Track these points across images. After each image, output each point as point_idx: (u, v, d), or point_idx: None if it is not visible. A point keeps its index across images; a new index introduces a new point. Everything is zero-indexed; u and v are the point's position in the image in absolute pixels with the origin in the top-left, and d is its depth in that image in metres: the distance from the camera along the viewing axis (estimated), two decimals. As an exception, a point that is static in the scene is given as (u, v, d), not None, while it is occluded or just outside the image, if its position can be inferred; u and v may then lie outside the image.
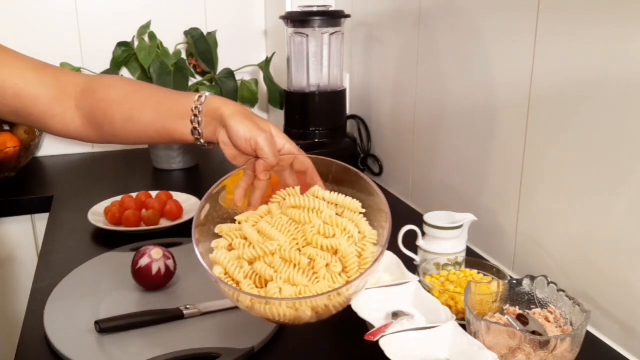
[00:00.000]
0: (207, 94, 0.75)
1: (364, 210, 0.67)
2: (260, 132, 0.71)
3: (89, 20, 1.66)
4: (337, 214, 0.66)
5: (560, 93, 0.80)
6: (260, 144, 0.70)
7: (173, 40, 1.67)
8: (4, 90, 0.76)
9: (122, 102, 0.78)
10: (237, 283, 0.63)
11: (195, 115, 0.73)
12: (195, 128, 0.74)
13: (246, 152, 0.72)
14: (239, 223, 0.70)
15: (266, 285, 0.61)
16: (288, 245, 0.63)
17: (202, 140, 0.74)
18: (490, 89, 0.95)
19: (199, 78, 1.72)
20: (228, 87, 1.62)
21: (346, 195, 0.67)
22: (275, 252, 0.62)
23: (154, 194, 1.22)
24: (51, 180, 1.48)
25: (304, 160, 0.72)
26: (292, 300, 0.58)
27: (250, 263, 0.63)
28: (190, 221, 1.11)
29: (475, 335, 0.67)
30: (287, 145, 0.74)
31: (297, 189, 0.70)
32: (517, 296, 0.75)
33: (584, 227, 0.78)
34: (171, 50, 1.66)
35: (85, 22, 1.66)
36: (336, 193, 0.68)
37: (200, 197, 1.21)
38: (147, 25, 1.64)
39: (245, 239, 0.66)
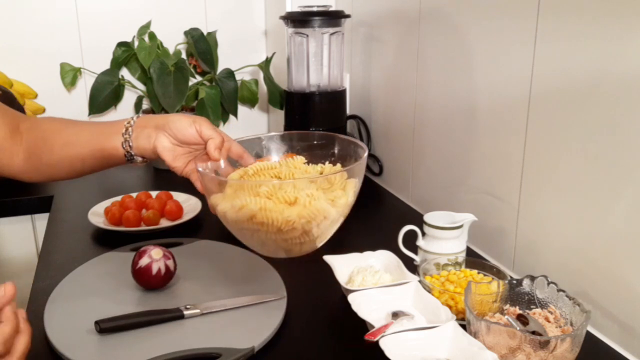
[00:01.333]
0: (138, 115, 0.83)
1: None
2: (197, 119, 0.79)
3: (89, 20, 1.66)
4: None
5: (560, 93, 0.80)
6: (204, 126, 0.79)
7: (173, 40, 1.68)
8: None
9: (61, 129, 0.83)
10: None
11: (127, 129, 0.80)
12: (125, 140, 0.79)
13: (192, 142, 0.79)
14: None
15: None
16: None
17: (132, 152, 0.80)
18: (490, 89, 0.95)
19: (199, 78, 1.72)
20: (228, 87, 1.62)
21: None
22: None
23: (154, 194, 1.22)
24: (51, 180, 1.47)
25: (238, 147, 0.82)
26: (267, 183, 0.72)
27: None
28: (191, 221, 1.12)
29: (475, 335, 0.67)
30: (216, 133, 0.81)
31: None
32: (517, 296, 0.75)
33: (584, 227, 0.78)
34: (171, 50, 1.66)
35: (85, 22, 1.66)
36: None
37: (200, 197, 1.21)
38: (147, 25, 1.64)
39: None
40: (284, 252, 0.77)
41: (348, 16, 1.39)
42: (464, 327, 0.69)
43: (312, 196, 0.70)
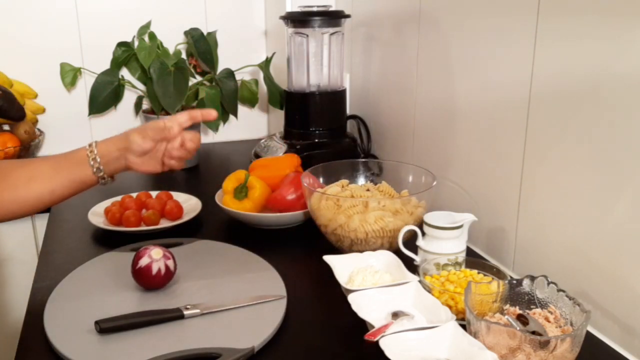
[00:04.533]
0: (93, 143, 0.88)
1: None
2: (140, 129, 0.89)
3: (89, 20, 1.67)
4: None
5: (560, 93, 0.80)
6: (149, 130, 0.88)
7: (173, 40, 1.68)
8: None
9: (17, 167, 0.86)
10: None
11: (93, 159, 0.86)
12: (97, 169, 0.86)
13: (152, 149, 0.89)
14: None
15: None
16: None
17: (105, 177, 0.88)
18: (490, 89, 0.95)
19: (199, 78, 1.72)
20: (228, 87, 1.62)
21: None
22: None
23: (154, 194, 1.22)
24: (51, 180, 1.47)
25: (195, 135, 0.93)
26: (334, 196, 0.99)
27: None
28: (191, 221, 1.12)
29: (475, 335, 0.67)
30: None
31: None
32: (517, 296, 0.75)
33: (584, 227, 0.78)
34: (171, 50, 1.66)
35: (85, 22, 1.66)
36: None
37: (200, 197, 1.21)
38: (147, 25, 1.64)
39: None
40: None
41: (348, 16, 1.39)
42: (464, 327, 0.69)
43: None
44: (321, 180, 1.11)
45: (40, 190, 0.84)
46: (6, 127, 1.55)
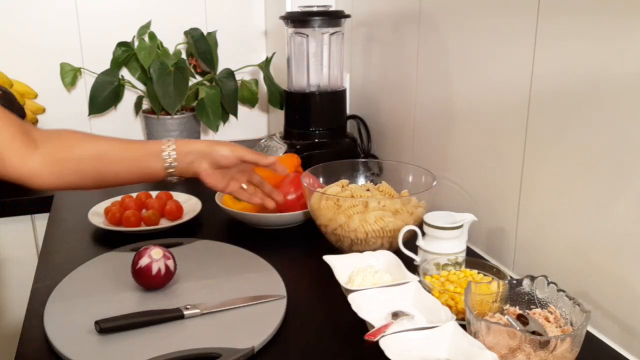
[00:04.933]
0: (170, 140, 0.90)
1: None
2: (234, 146, 0.92)
3: (89, 20, 1.67)
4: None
5: (560, 93, 0.80)
6: (242, 151, 0.92)
7: (173, 40, 1.68)
8: None
9: (89, 140, 0.86)
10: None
11: (168, 154, 0.87)
12: (170, 164, 0.87)
13: (230, 166, 0.92)
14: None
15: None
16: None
17: (174, 174, 0.89)
18: (490, 89, 0.95)
19: (199, 78, 1.72)
20: (228, 87, 1.62)
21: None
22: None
23: (154, 194, 1.22)
24: (51, 180, 1.47)
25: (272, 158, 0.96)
26: (335, 196, 1.00)
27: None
28: (191, 221, 1.12)
29: (475, 335, 0.67)
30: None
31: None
32: (517, 296, 0.75)
33: (584, 227, 0.78)
34: (171, 50, 1.66)
35: (85, 22, 1.66)
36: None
37: (200, 197, 1.21)
38: (147, 25, 1.64)
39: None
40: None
41: (348, 16, 1.39)
42: (464, 327, 0.69)
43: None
44: (321, 180, 1.11)
45: (106, 169, 0.85)
46: (6, 127, 1.55)
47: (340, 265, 0.86)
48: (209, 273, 0.91)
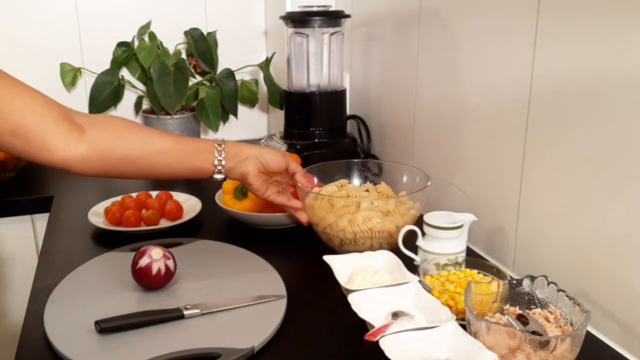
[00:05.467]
0: (221, 139, 0.93)
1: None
2: (285, 154, 0.99)
3: (89, 20, 1.66)
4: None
5: (560, 93, 0.80)
6: (291, 161, 0.99)
7: (173, 40, 1.68)
8: (9, 106, 0.78)
9: (141, 131, 0.87)
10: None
11: (220, 152, 0.91)
12: (219, 162, 0.91)
13: (276, 172, 0.99)
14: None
15: None
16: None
17: (222, 172, 0.93)
18: (490, 89, 0.95)
19: (199, 78, 1.72)
20: (228, 87, 1.62)
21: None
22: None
23: (154, 194, 1.22)
24: (51, 180, 1.47)
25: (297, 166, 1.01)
26: (328, 196, 1.00)
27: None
28: (191, 221, 1.12)
29: (475, 335, 0.67)
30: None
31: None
32: (517, 296, 0.75)
33: (584, 227, 0.78)
34: (171, 50, 1.66)
35: (85, 22, 1.66)
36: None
37: (200, 197, 1.21)
38: (147, 25, 1.64)
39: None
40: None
41: (348, 16, 1.39)
42: (464, 327, 0.69)
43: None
44: (316, 180, 1.10)
45: (157, 160, 0.86)
46: (6, 127, 1.55)
47: (340, 265, 0.86)
48: (209, 273, 0.91)
